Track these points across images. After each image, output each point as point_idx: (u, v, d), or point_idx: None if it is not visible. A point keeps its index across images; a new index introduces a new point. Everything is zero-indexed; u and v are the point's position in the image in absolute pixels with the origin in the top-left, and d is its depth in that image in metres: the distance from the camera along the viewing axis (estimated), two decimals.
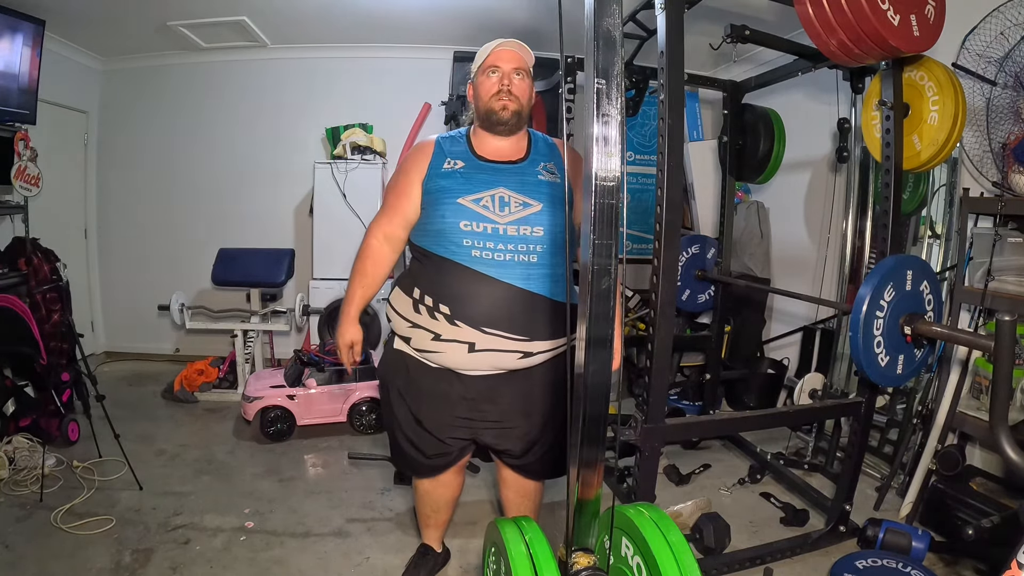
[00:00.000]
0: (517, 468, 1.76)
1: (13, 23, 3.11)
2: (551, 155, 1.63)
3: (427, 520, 1.94)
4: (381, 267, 1.65)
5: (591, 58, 0.96)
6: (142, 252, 4.46)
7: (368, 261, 1.65)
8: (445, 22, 3.77)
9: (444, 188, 1.51)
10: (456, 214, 1.47)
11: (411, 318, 1.56)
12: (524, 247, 1.48)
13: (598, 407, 1.07)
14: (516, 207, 1.49)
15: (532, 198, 1.51)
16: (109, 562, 2.01)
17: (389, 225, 1.62)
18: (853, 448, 2.20)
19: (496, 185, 1.51)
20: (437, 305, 1.51)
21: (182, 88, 4.33)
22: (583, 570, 1.14)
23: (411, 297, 1.56)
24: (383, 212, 1.64)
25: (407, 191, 1.57)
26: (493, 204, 1.48)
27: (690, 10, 1.86)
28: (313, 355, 3.35)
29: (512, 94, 1.55)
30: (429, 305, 1.52)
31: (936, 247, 2.86)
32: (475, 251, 1.47)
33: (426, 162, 1.56)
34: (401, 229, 1.62)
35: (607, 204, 0.97)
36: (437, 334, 1.52)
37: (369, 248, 1.64)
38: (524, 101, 1.58)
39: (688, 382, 3.81)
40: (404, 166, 1.62)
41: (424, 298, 1.53)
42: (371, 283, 1.67)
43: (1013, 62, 2.15)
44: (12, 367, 2.91)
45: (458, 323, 1.49)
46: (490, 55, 1.58)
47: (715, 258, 3.22)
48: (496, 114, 1.55)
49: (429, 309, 1.52)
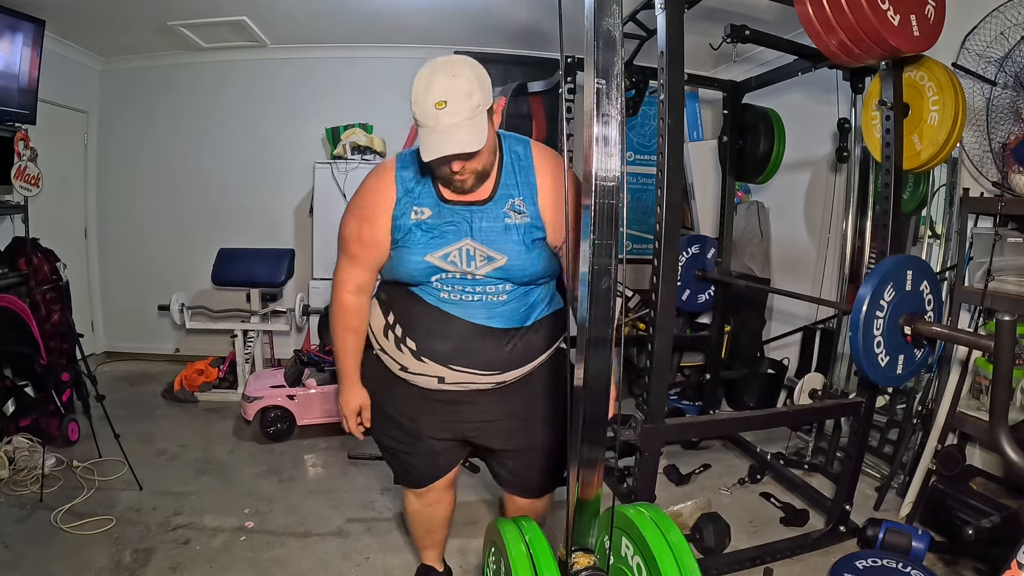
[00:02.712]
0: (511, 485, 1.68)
1: (13, 23, 3.11)
2: (522, 179, 1.40)
3: (423, 542, 1.87)
4: (364, 318, 1.53)
5: (591, 58, 0.96)
6: (142, 252, 4.46)
7: (349, 317, 1.51)
8: (445, 22, 3.77)
9: (412, 242, 1.38)
10: (425, 267, 1.39)
11: (381, 341, 1.50)
12: (493, 288, 1.41)
13: (598, 407, 1.07)
14: (481, 261, 1.38)
15: (497, 250, 1.37)
16: (109, 562, 2.01)
17: (361, 276, 1.48)
18: (853, 448, 2.20)
19: (461, 236, 1.37)
20: (404, 338, 1.45)
21: (182, 88, 4.33)
22: (583, 570, 1.14)
23: (385, 319, 1.48)
24: (349, 262, 1.47)
25: (375, 241, 1.41)
26: (460, 258, 1.38)
27: (690, 10, 1.86)
28: (313, 355, 3.35)
29: (467, 168, 1.29)
30: (398, 335, 1.46)
31: (936, 247, 2.86)
32: (444, 293, 1.41)
33: (390, 206, 1.38)
34: (371, 277, 1.50)
35: (607, 204, 0.97)
36: (404, 366, 1.47)
37: (345, 305, 1.49)
38: (485, 159, 1.31)
39: (688, 382, 3.81)
40: (364, 209, 1.42)
41: (395, 326, 1.47)
42: (360, 336, 1.54)
43: (1013, 62, 2.15)
44: (12, 367, 2.91)
45: (424, 359, 1.44)
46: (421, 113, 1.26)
47: (715, 258, 3.22)
48: (454, 183, 1.33)
49: (397, 340, 1.46)
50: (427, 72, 1.27)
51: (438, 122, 1.22)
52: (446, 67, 1.25)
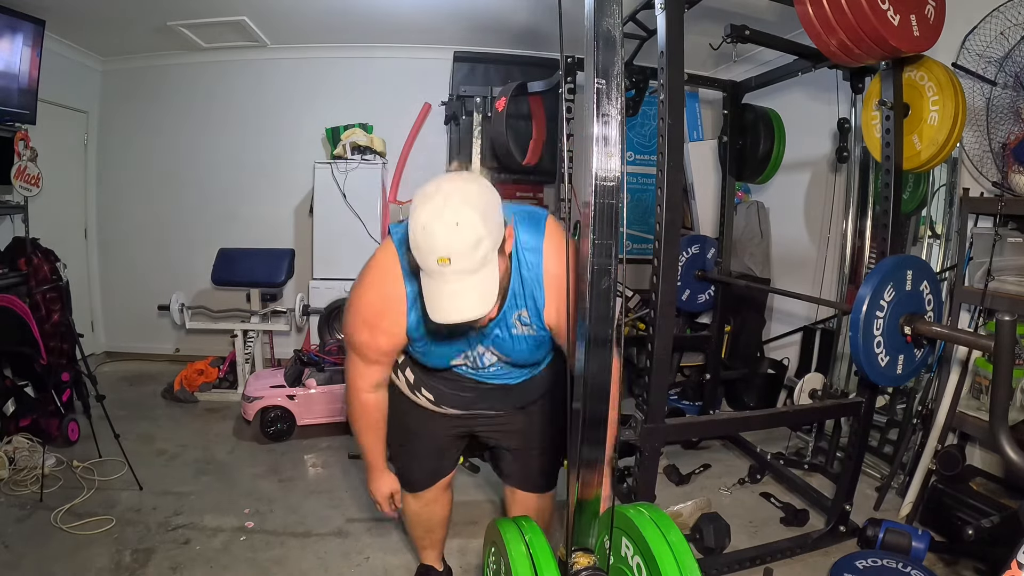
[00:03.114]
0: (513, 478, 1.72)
1: (13, 23, 3.11)
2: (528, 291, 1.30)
3: (422, 542, 1.87)
4: (385, 409, 1.52)
5: (591, 58, 0.96)
6: (142, 252, 4.46)
7: (370, 415, 1.49)
8: (445, 22, 3.77)
9: (426, 347, 1.38)
10: (440, 363, 1.44)
11: (393, 377, 1.53)
12: (505, 369, 1.47)
13: (598, 407, 1.07)
14: (491, 357, 1.41)
15: (506, 354, 1.40)
16: (109, 562, 2.01)
17: (380, 374, 1.45)
18: (853, 448, 2.20)
19: (474, 345, 1.38)
20: (419, 387, 1.52)
21: (182, 88, 4.33)
22: (583, 570, 1.14)
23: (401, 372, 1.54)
24: (366, 365, 1.41)
25: (393, 347, 1.37)
26: (473, 358, 1.42)
27: (690, 10, 1.86)
28: (313, 355, 3.35)
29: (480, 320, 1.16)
30: (410, 381, 1.53)
31: (936, 247, 2.86)
32: (459, 370, 1.47)
33: (403, 317, 1.31)
34: (389, 370, 1.48)
35: (607, 204, 0.97)
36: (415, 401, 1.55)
37: (366, 404, 1.47)
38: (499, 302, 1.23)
39: (688, 382, 3.81)
40: (379, 320, 1.32)
41: (407, 370, 1.52)
42: (383, 427, 1.53)
43: (1013, 62, 2.15)
44: (12, 367, 2.91)
45: (441, 406, 1.55)
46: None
47: (715, 258, 3.22)
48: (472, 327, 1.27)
49: (410, 384, 1.53)
50: (427, 217, 1.05)
51: (443, 277, 1.06)
52: (448, 212, 1.04)
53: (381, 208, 4.09)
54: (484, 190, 1.12)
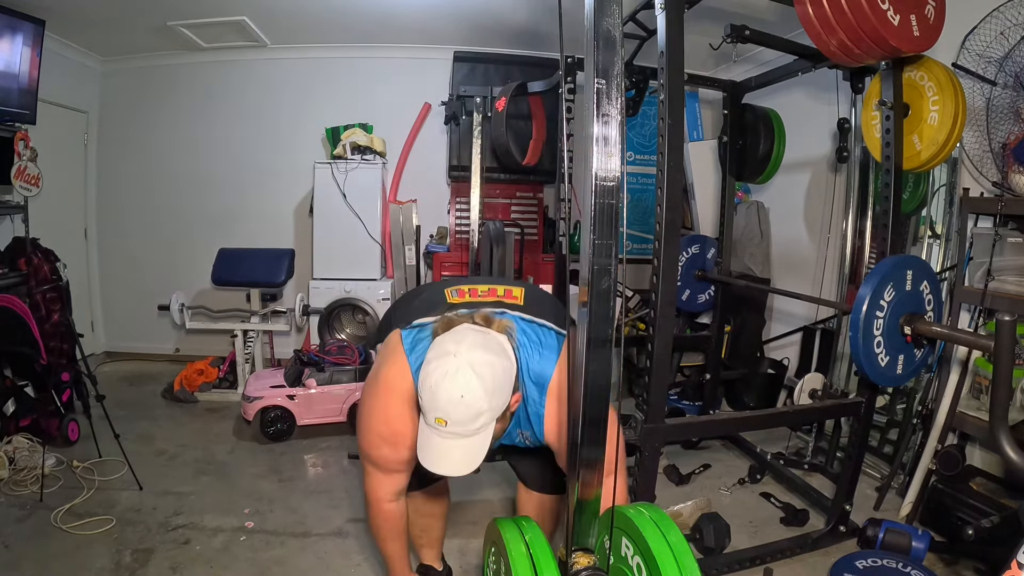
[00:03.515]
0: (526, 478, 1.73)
1: (13, 23, 3.11)
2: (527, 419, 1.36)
3: (419, 540, 1.86)
4: (406, 515, 1.53)
5: (591, 58, 0.96)
6: (142, 252, 4.46)
7: (392, 523, 1.50)
8: (445, 22, 3.77)
9: None
10: None
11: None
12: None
13: (598, 407, 1.07)
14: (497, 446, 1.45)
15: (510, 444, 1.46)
16: (109, 562, 2.01)
17: (400, 482, 1.44)
18: (853, 448, 2.20)
19: None
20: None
21: (182, 88, 4.33)
22: (583, 570, 1.14)
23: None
24: (386, 475, 1.40)
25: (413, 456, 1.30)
26: None
27: (690, 10, 1.86)
28: (313, 355, 3.35)
29: None
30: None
31: (936, 247, 2.86)
32: None
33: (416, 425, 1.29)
34: (409, 476, 1.45)
35: (607, 204, 0.97)
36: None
37: (390, 514, 1.48)
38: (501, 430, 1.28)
39: (688, 382, 3.81)
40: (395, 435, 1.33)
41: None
42: (406, 534, 1.55)
43: (1013, 62, 2.15)
44: (12, 367, 2.91)
45: None
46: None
47: (715, 258, 3.22)
48: None
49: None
50: (437, 378, 1.12)
51: (437, 432, 1.14)
52: (458, 382, 1.10)
53: (381, 208, 4.09)
54: (500, 361, 1.17)
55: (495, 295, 1.45)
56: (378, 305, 4.00)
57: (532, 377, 1.31)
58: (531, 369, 1.31)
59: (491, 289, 1.47)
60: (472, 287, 1.48)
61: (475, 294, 1.45)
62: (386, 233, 4.21)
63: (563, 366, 1.30)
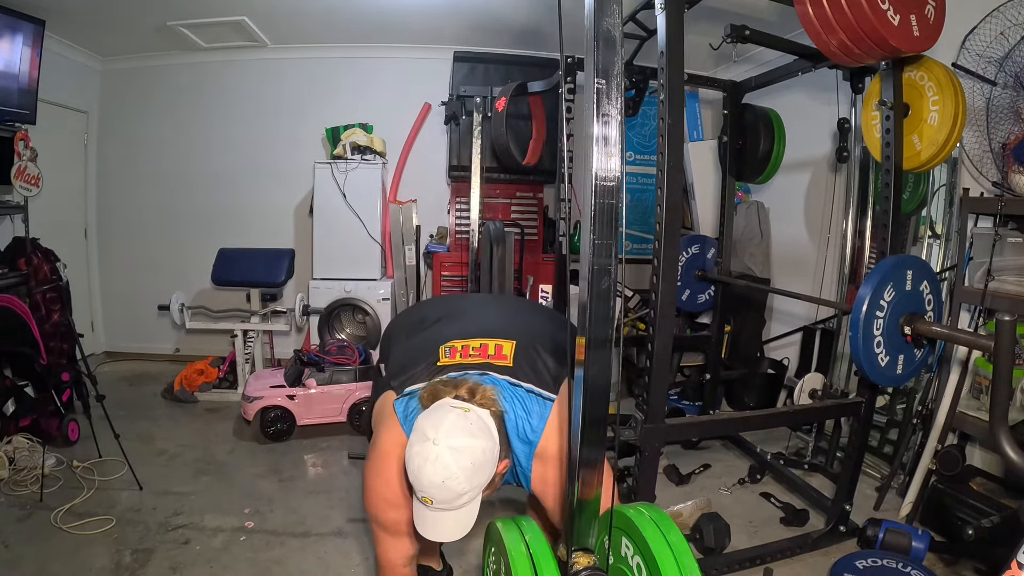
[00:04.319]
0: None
1: (13, 23, 3.11)
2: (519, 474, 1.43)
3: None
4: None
5: (591, 58, 0.96)
6: (142, 252, 4.46)
7: None
8: (445, 22, 3.77)
9: None
10: None
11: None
12: None
13: (598, 407, 1.07)
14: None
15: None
16: (109, 562, 2.01)
17: (412, 546, 1.45)
18: (853, 448, 2.20)
19: None
20: None
21: (182, 88, 4.33)
22: (583, 570, 1.14)
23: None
24: (396, 537, 1.41)
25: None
26: None
27: (690, 10, 1.87)
28: (313, 355, 3.35)
29: None
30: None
31: (936, 247, 2.86)
32: None
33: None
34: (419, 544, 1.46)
35: (607, 204, 0.97)
36: None
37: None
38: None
39: (688, 382, 3.81)
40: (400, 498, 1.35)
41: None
42: None
43: (1013, 62, 2.15)
44: (12, 367, 2.91)
45: None
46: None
47: (715, 258, 3.22)
48: None
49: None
50: (419, 461, 1.16)
51: (424, 507, 1.21)
52: (439, 469, 1.15)
53: (381, 208, 4.09)
54: (480, 443, 1.20)
55: (485, 354, 1.46)
56: (378, 305, 4.00)
57: (519, 436, 1.37)
58: (518, 427, 1.36)
59: (483, 346, 1.48)
60: (465, 344, 1.48)
61: (466, 354, 1.46)
62: (386, 233, 4.21)
63: (548, 431, 1.36)
